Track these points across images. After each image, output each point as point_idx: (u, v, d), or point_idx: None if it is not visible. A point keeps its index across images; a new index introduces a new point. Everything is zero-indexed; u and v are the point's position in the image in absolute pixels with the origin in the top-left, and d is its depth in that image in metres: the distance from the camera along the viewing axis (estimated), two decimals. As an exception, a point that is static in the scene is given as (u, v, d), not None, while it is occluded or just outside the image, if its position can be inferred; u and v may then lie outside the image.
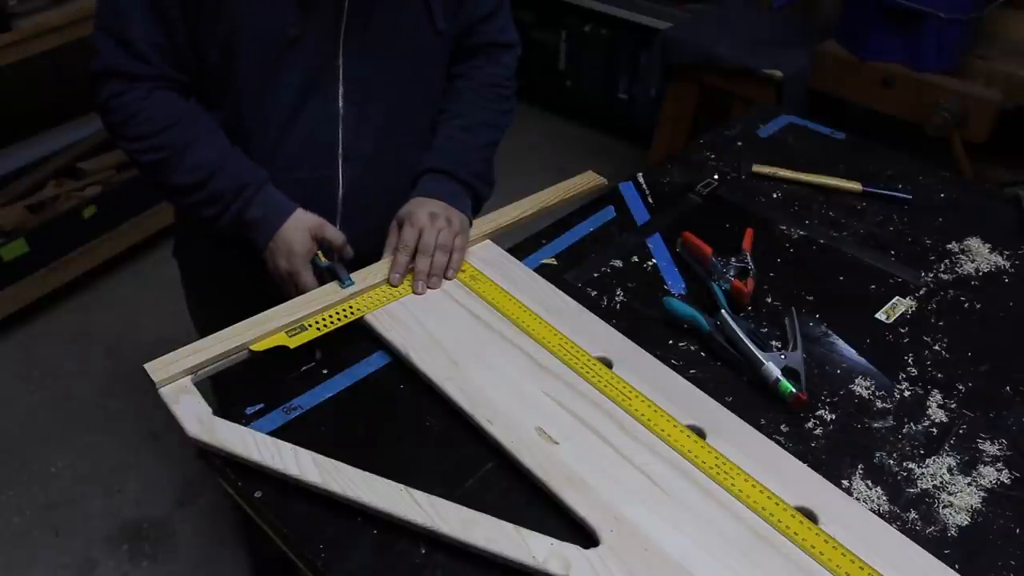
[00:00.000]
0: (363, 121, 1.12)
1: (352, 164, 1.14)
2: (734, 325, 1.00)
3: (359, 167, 1.14)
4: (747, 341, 0.98)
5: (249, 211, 1.07)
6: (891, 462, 0.90)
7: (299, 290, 1.07)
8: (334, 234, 1.10)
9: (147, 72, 1.04)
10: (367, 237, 1.15)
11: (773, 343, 1.03)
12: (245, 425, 0.89)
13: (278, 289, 1.11)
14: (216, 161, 1.06)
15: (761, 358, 0.97)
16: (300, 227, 1.07)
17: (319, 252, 1.09)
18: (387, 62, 1.11)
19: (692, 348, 1.03)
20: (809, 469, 0.86)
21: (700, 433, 0.89)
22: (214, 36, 1.02)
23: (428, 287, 1.08)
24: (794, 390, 0.94)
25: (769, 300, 1.12)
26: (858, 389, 0.99)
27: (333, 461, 0.83)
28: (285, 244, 1.07)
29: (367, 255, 1.12)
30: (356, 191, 1.15)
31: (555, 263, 1.18)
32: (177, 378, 0.92)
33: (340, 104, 1.09)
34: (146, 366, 0.92)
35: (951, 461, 0.90)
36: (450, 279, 1.10)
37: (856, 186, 1.34)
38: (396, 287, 1.08)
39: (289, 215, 1.08)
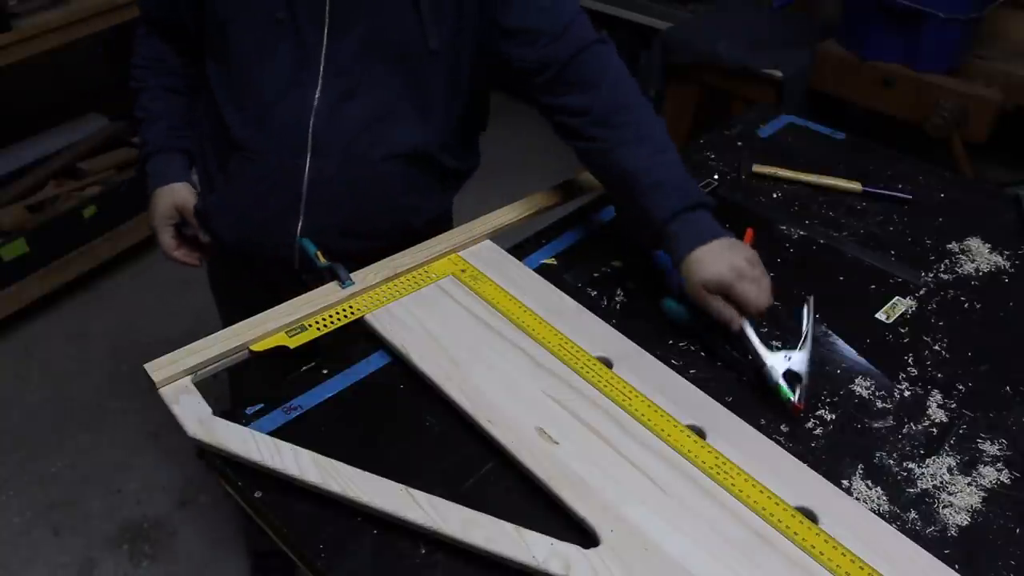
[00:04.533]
0: (337, 118, 1.11)
1: (319, 158, 1.12)
2: (747, 328, 0.98)
3: (328, 163, 1.12)
4: (756, 341, 0.97)
5: (147, 167, 1.27)
6: (891, 462, 0.90)
7: (161, 246, 1.29)
8: (191, 217, 1.25)
9: (147, 17, 1.27)
10: (332, 235, 1.16)
11: (773, 343, 1.03)
12: (245, 425, 0.89)
13: (271, 277, 1.24)
14: (148, 111, 1.27)
15: (765, 358, 0.96)
16: (167, 195, 1.25)
17: (319, 252, 1.09)
18: (373, 67, 1.10)
19: (692, 348, 1.03)
20: (809, 469, 0.86)
21: (700, 433, 0.89)
22: (207, 14, 1.11)
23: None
24: (792, 398, 0.93)
25: (769, 300, 1.12)
26: (858, 389, 0.99)
27: (333, 461, 0.83)
28: (152, 206, 1.27)
29: (338, 255, 1.10)
30: (322, 185, 1.14)
31: (555, 263, 1.18)
32: (177, 378, 0.92)
33: (316, 96, 1.09)
34: (146, 366, 0.92)
35: (951, 461, 0.90)
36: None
37: (856, 186, 1.34)
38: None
39: (162, 185, 1.25)
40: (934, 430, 0.94)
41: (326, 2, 1.05)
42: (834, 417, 0.95)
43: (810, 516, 0.81)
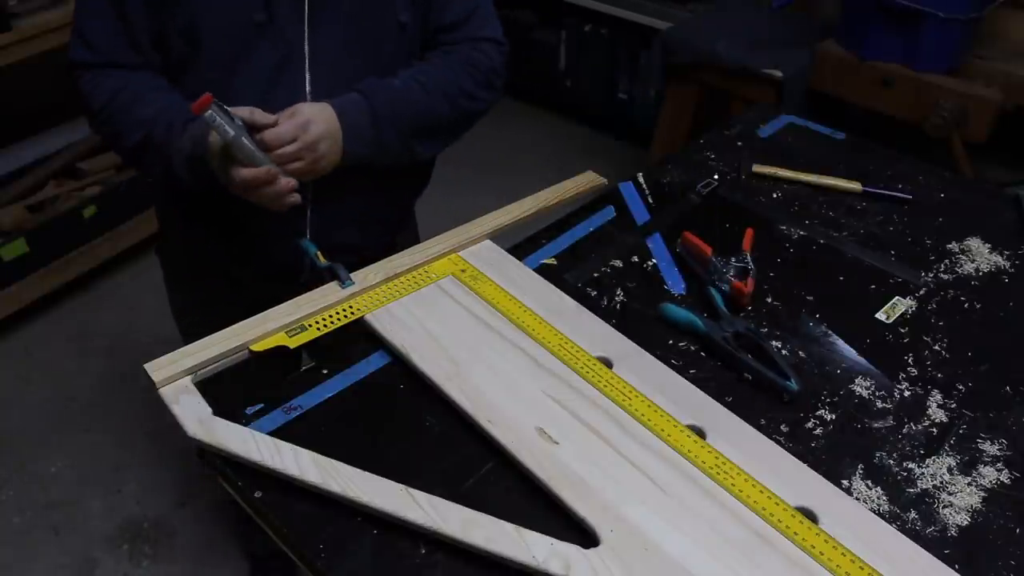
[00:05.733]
0: None
1: None
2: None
3: None
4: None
5: (183, 140, 1.05)
6: (891, 462, 0.90)
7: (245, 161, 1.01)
8: (262, 116, 1.03)
9: (97, 60, 1.09)
10: (339, 228, 1.16)
11: (774, 343, 1.03)
12: (245, 425, 0.89)
13: (256, 288, 1.13)
14: (153, 115, 1.07)
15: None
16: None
17: (319, 252, 1.09)
18: (354, 49, 1.11)
19: (692, 348, 1.03)
20: (809, 469, 0.86)
21: (700, 433, 0.89)
22: (175, 24, 1.05)
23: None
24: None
25: (769, 300, 1.12)
26: (858, 389, 0.99)
27: (333, 461, 0.83)
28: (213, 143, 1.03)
29: (341, 250, 1.11)
30: (326, 178, 1.13)
31: (555, 263, 1.18)
32: (177, 378, 0.92)
33: (308, 89, 1.10)
34: (146, 366, 0.92)
35: (951, 461, 0.90)
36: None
37: (856, 186, 1.34)
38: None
39: None
40: (934, 430, 0.94)
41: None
42: (834, 417, 0.95)
43: (810, 516, 0.81)
